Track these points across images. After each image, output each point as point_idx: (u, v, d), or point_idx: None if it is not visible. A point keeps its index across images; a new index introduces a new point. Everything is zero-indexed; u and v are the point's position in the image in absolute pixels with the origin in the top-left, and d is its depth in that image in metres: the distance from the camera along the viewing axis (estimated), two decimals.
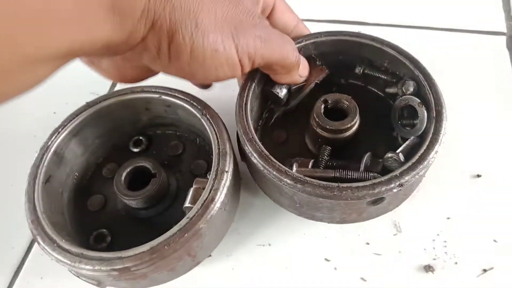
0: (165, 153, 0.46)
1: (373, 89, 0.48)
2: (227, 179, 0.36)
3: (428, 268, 0.41)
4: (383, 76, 0.45)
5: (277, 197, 0.39)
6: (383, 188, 0.33)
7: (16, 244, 0.45)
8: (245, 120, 0.38)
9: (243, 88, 0.41)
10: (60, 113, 0.51)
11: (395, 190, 0.34)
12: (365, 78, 0.48)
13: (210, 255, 0.42)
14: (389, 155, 0.37)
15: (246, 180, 0.44)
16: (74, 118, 0.41)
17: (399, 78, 0.44)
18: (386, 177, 0.34)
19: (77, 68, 0.57)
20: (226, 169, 0.37)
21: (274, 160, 0.36)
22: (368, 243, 0.42)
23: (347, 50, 0.46)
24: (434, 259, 0.41)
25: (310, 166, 0.39)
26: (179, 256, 0.34)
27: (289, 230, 0.44)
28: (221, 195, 0.35)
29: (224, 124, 0.40)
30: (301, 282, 0.41)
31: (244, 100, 0.40)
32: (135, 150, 0.46)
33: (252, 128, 0.38)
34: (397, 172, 0.34)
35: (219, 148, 0.38)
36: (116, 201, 0.43)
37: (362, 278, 0.41)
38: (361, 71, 0.46)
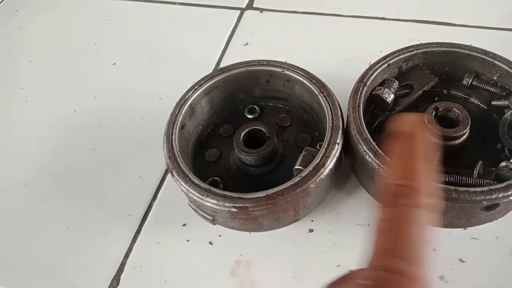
0: (274, 123, 0.51)
1: (475, 101, 0.49)
2: (337, 150, 0.40)
3: None
4: (491, 89, 0.47)
5: None
6: (501, 195, 0.35)
7: (133, 212, 0.51)
8: (358, 120, 0.41)
9: (355, 91, 0.44)
10: (166, 98, 0.61)
11: (511, 198, 0.35)
12: (470, 90, 0.49)
13: (312, 230, 0.47)
14: (504, 164, 0.39)
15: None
16: (209, 79, 0.48)
17: (509, 92, 0.45)
18: (503, 184, 0.36)
19: (181, 60, 0.64)
20: (338, 141, 0.41)
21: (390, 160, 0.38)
22: (465, 228, 0.44)
23: (455, 61, 0.48)
24: None
25: None
26: (287, 208, 0.39)
27: None
28: (330, 163, 0.40)
29: (338, 102, 0.44)
30: None
31: (357, 102, 0.43)
32: (249, 116, 0.52)
33: (365, 128, 0.41)
34: None
35: (332, 122, 0.42)
36: (229, 157, 0.49)
37: (460, 259, 0.43)
38: (468, 82, 0.48)
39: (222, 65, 0.65)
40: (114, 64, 0.68)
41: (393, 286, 0.19)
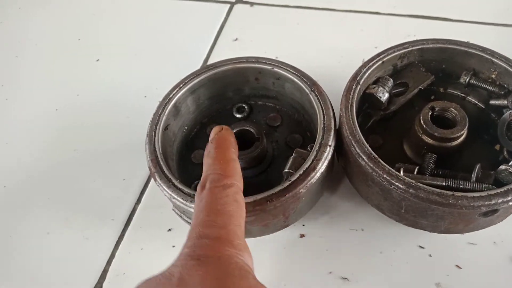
0: (264, 123, 0.49)
1: (473, 100, 0.48)
2: (328, 153, 0.38)
3: None
4: (489, 88, 0.45)
5: (378, 202, 0.39)
6: (500, 200, 0.34)
7: (116, 216, 0.49)
8: (351, 121, 0.39)
9: (348, 90, 0.42)
10: (151, 96, 0.58)
11: (511, 203, 0.34)
12: (467, 88, 0.47)
13: (304, 236, 0.45)
14: (503, 167, 0.37)
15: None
16: (194, 77, 0.45)
17: (508, 91, 0.43)
18: (502, 189, 0.34)
19: (168, 56, 0.61)
20: (329, 143, 0.39)
21: (384, 164, 0.36)
22: (462, 234, 0.43)
23: (452, 59, 0.46)
24: None
25: (415, 172, 0.38)
26: (276, 213, 0.37)
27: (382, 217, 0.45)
28: (322, 166, 0.38)
29: (330, 101, 0.42)
30: (395, 266, 0.42)
31: (350, 101, 0.41)
32: (238, 115, 0.50)
33: (359, 129, 0.39)
34: None
35: (324, 123, 0.40)
36: None
37: (457, 266, 0.41)
38: (466, 81, 0.46)
39: (210, 61, 0.63)
40: (97, 60, 0.66)
41: (203, 248, 0.24)
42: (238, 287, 0.23)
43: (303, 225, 0.46)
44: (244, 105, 0.50)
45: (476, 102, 0.47)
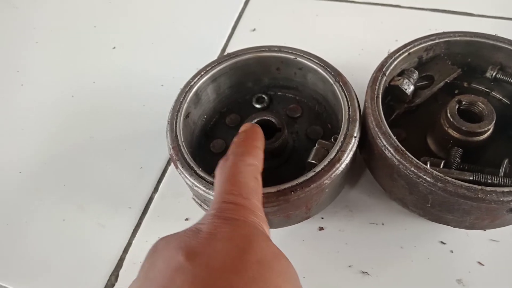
0: (283, 114, 0.49)
1: (497, 95, 0.46)
2: (354, 144, 0.38)
3: None
4: None
5: (403, 195, 0.39)
6: None
7: (133, 205, 0.49)
8: (377, 112, 0.38)
9: (374, 81, 0.41)
10: (168, 85, 0.57)
11: None
12: (493, 83, 0.46)
13: (323, 229, 0.44)
14: None
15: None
16: (216, 65, 0.45)
17: None
18: None
19: (185, 45, 0.61)
20: (355, 135, 0.38)
21: (411, 156, 0.35)
22: (484, 230, 0.42)
23: (479, 52, 0.45)
24: None
25: (441, 166, 0.38)
26: (298, 204, 0.37)
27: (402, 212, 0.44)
28: (347, 157, 0.37)
29: (355, 92, 0.41)
30: (416, 261, 0.42)
31: (376, 92, 0.40)
32: (257, 106, 0.49)
33: (385, 121, 0.38)
34: None
35: (349, 114, 0.39)
36: None
37: (479, 262, 0.41)
38: (493, 75, 0.44)
39: (228, 50, 0.62)
40: (114, 48, 0.65)
41: (230, 211, 0.26)
42: (263, 247, 0.24)
43: (322, 218, 0.45)
44: (263, 96, 0.49)
45: (501, 98, 0.46)
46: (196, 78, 0.44)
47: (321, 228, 0.45)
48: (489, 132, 0.40)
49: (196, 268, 0.22)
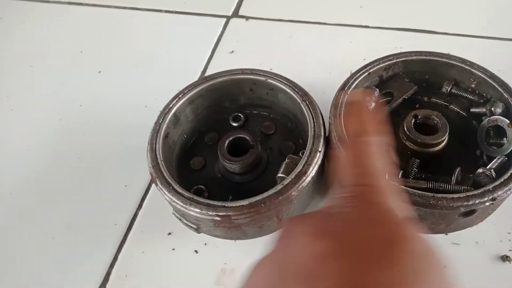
0: (258, 131, 0.52)
1: (455, 108, 0.50)
2: (318, 158, 0.41)
3: (505, 258, 0.43)
4: (469, 96, 0.48)
5: None
6: (477, 201, 0.36)
7: (118, 221, 0.51)
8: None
9: (337, 100, 0.45)
10: (151, 106, 0.60)
11: (487, 204, 0.36)
12: (449, 97, 0.50)
13: None
14: (481, 171, 0.40)
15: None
16: (193, 87, 0.48)
17: (486, 99, 0.46)
18: (479, 191, 0.37)
19: (167, 67, 0.64)
20: (319, 150, 0.41)
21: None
22: (446, 234, 0.45)
23: (435, 69, 0.49)
24: (511, 250, 0.44)
25: (399, 176, 0.41)
26: (270, 215, 0.40)
27: None
28: (312, 170, 0.40)
29: (320, 110, 0.45)
30: None
31: (339, 110, 0.44)
32: (234, 124, 0.52)
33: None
34: (490, 187, 0.37)
35: (314, 131, 0.43)
36: (214, 165, 0.49)
37: None
38: (448, 90, 0.49)
39: (208, 72, 0.66)
40: (99, 72, 0.68)
41: (363, 194, 0.23)
42: (414, 237, 0.21)
43: None
44: (240, 114, 0.53)
45: (459, 110, 0.50)
46: (175, 101, 0.47)
47: None
48: (443, 143, 0.43)
49: (342, 258, 0.19)
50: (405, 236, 0.20)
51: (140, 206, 0.52)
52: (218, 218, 0.38)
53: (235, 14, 0.74)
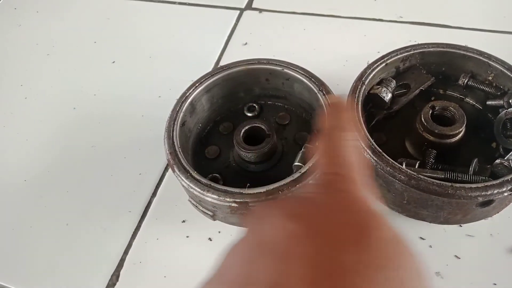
0: (273, 121, 0.52)
1: (471, 101, 0.50)
2: None
3: None
4: (486, 89, 0.48)
5: (382, 194, 0.42)
6: (495, 191, 0.36)
7: (133, 209, 0.51)
8: (357, 118, 0.42)
9: (354, 90, 0.45)
10: (165, 97, 0.61)
11: (506, 194, 0.36)
12: (465, 90, 0.50)
13: None
14: (498, 161, 0.40)
15: None
16: (209, 76, 0.48)
17: (504, 92, 0.46)
18: (498, 181, 0.37)
19: (181, 58, 0.65)
20: None
21: (387, 157, 0.39)
22: (461, 225, 0.45)
23: (452, 62, 0.49)
24: None
25: (416, 166, 0.41)
26: None
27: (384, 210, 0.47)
28: None
29: None
30: None
31: (356, 100, 0.44)
32: (249, 114, 0.53)
33: (364, 126, 0.42)
34: (508, 177, 0.37)
35: None
36: (228, 154, 0.49)
37: (456, 256, 0.44)
38: (464, 82, 0.48)
39: (221, 63, 0.66)
40: (113, 62, 0.69)
41: (333, 183, 0.24)
42: (382, 224, 0.21)
43: None
44: (254, 105, 0.53)
45: (474, 103, 0.50)
46: (191, 89, 0.47)
47: None
48: (460, 135, 0.43)
49: (315, 239, 0.20)
50: (375, 224, 0.21)
51: (154, 194, 0.53)
52: (235, 205, 0.39)
53: (249, 6, 0.74)
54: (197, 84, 0.48)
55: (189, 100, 0.47)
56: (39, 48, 0.73)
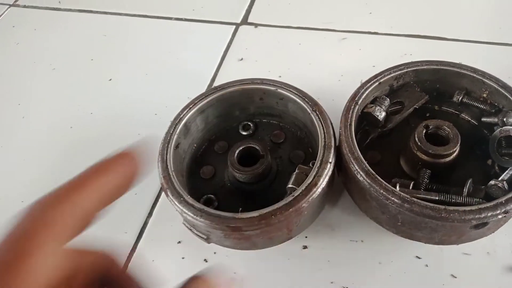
0: (268, 140, 0.52)
1: (466, 117, 0.50)
2: (329, 169, 0.41)
3: None
4: (481, 106, 0.47)
5: (376, 215, 0.42)
6: (489, 214, 0.36)
7: (128, 229, 0.51)
8: (350, 139, 0.42)
9: (347, 110, 0.45)
10: (161, 114, 0.60)
11: (499, 216, 0.36)
12: (460, 106, 0.50)
13: (306, 247, 0.47)
14: (493, 182, 0.39)
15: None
16: (203, 98, 0.48)
17: (499, 109, 0.46)
18: (491, 203, 0.36)
19: (177, 75, 0.65)
20: (330, 160, 0.41)
21: (381, 180, 0.39)
22: (457, 244, 0.45)
23: (445, 79, 0.48)
24: None
25: (411, 187, 0.41)
26: (280, 227, 0.40)
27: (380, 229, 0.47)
28: (323, 182, 0.40)
29: (330, 120, 0.45)
30: (393, 276, 0.44)
31: (349, 120, 0.44)
32: (243, 133, 0.53)
33: (357, 147, 0.41)
34: (502, 199, 0.37)
35: (325, 141, 0.43)
36: (223, 174, 0.49)
37: (452, 275, 0.43)
38: (459, 99, 0.48)
39: (217, 79, 0.66)
40: (110, 80, 0.69)
41: None
42: None
43: (306, 237, 0.48)
44: (249, 123, 0.53)
45: (469, 119, 0.50)
46: (185, 111, 0.47)
47: (305, 247, 0.48)
48: (455, 154, 0.43)
49: None
50: None
51: (150, 214, 0.53)
52: (228, 230, 0.38)
53: (244, 21, 0.75)
54: (191, 106, 0.48)
55: (183, 122, 0.47)
56: (37, 66, 0.73)
